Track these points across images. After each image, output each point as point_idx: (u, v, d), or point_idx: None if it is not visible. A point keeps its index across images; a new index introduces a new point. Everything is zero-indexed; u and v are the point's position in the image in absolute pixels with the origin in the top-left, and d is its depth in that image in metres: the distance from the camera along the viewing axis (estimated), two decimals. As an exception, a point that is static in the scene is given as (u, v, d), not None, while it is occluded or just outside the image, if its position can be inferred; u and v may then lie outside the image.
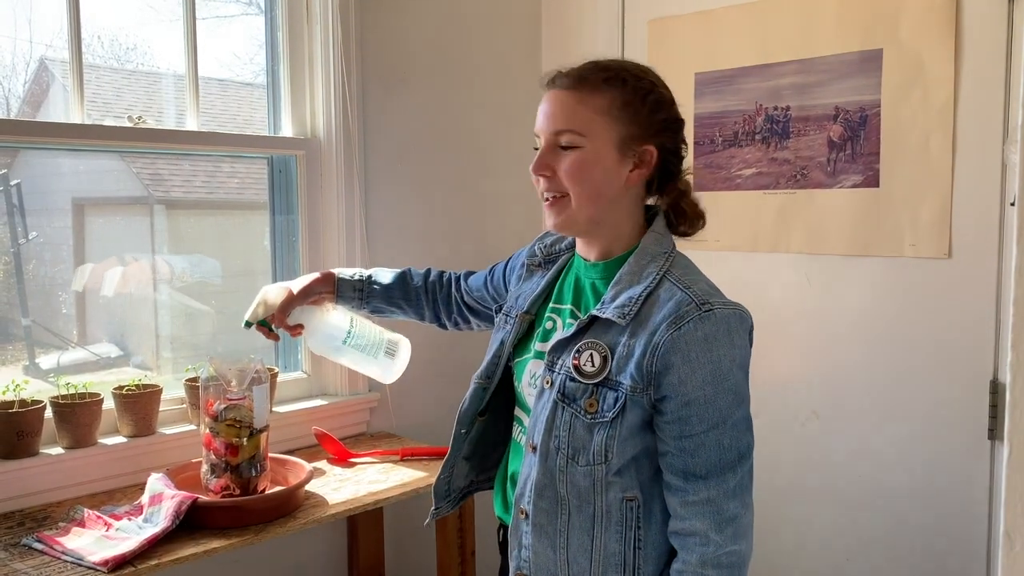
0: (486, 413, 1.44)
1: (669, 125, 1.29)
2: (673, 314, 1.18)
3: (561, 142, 1.25)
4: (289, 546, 2.16)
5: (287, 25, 2.21)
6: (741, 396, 1.22)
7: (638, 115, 1.25)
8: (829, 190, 2.19)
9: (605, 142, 1.24)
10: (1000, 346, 1.96)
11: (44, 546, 1.52)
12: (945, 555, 2.06)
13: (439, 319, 1.70)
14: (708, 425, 1.19)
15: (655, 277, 1.23)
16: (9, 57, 1.90)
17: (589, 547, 1.25)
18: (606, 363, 1.22)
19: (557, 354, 1.28)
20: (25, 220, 1.95)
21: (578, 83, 1.26)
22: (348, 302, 1.66)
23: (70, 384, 1.83)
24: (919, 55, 2.03)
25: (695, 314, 1.18)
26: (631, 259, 1.27)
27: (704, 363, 1.18)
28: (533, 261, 1.45)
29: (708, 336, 1.18)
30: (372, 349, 1.67)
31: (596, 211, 1.27)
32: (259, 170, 2.27)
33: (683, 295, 1.20)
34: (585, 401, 1.22)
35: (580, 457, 1.22)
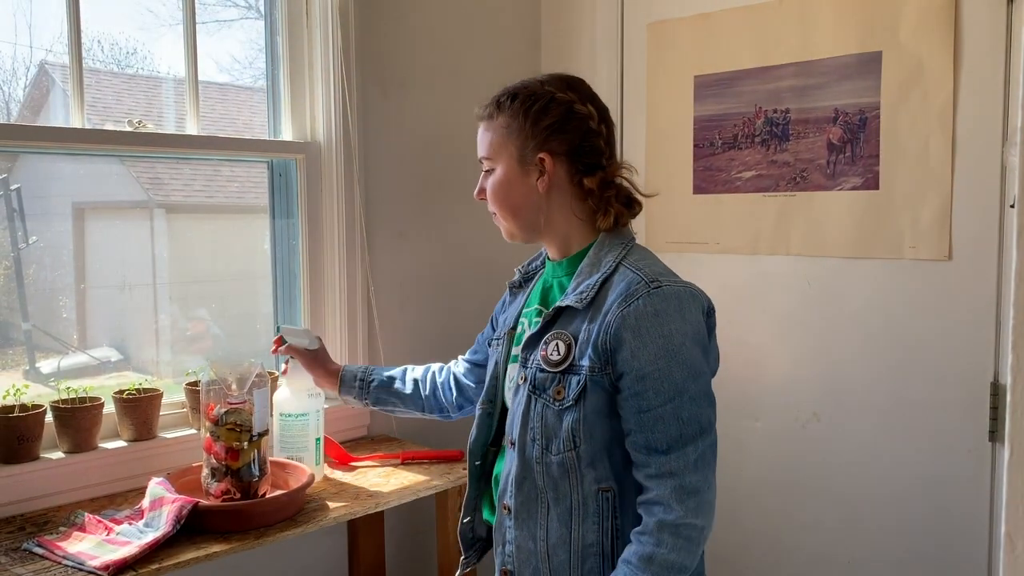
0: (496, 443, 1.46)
1: (560, 128, 1.34)
2: (624, 293, 1.24)
3: (483, 168, 1.40)
4: (290, 550, 2.16)
5: (287, 29, 2.21)
6: (697, 370, 1.24)
7: (523, 128, 1.34)
8: (829, 192, 2.19)
9: (507, 159, 1.35)
10: (1000, 348, 1.96)
11: (45, 551, 1.52)
12: (946, 557, 2.06)
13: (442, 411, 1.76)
14: (664, 398, 1.22)
15: (611, 265, 1.30)
16: (9, 62, 1.90)
17: (568, 539, 1.28)
18: (570, 350, 1.27)
19: (529, 350, 1.33)
20: (25, 224, 1.95)
21: (484, 111, 1.40)
22: (349, 391, 1.78)
23: (70, 388, 1.83)
24: (918, 57, 2.04)
25: (644, 291, 1.24)
26: (590, 252, 1.34)
27: (655, 337, 1.22)
28: (514, 283, 1.53)
29: (658, 311, 1.22)
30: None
31: (524, 221, 1.37)
32: (259, 174, 2.27)
33: (634, 275, 1.26)
34: (553, 389, 1.27)
35: (553, 445, 1.27)
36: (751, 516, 2.38)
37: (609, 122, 1.39)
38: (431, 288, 2.48)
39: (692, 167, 2.42)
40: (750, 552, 2.39)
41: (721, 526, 2.44)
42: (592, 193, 1.34)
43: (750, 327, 2.35)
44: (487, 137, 1.38)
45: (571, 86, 1.37)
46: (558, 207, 1.36)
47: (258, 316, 2.32)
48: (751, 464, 2.37)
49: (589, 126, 1.35)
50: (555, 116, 1.33)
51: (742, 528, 2.39)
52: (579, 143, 1.34)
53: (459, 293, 2.54)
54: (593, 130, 1.35)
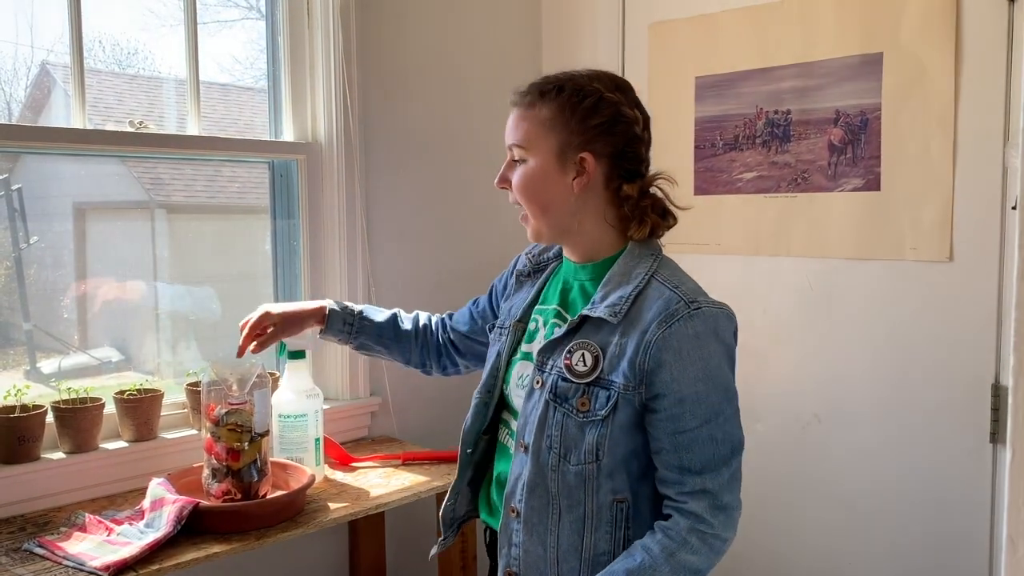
0: (489, 432, 1.45)
1: (607, 129, 1.29)
2: (663, 312, 1.21)
3: (513, 156, 1.32)
4: (291, 551, 2.16)
5: (288, 30, 2.21)
6: (731, 392, 1.25)
7: (569, 123, 1.28)
8: (830, 193, 2.19)
9: (545, 153, 1.28)
10: (1001, 349, 1.96)
11: (45, 551, 1.52)
12: (947, 559, 2.06)
13: (425, 365, 1.71)
14: (701, 421, 1.21)
15: (643, 277, 1.26)
16: (11, 62, 1.90)
17: (579, 546, 1.27)
18: (597, 363, 1.24)
19: (547, 354, 1.30)
20: (26, 224, 1.95)
21: (522, 98, 1.32)
22: (336, 335, 1.67)
23: (71, 389, 1.83)
24: (919, 58, 2.04)
25: (684, 312, 1.21)
26: (619, 260, 1.30)
27: (695, 360, 1.20)
28: (523, 272, 1.48)
29: (698, 333, 1.21)
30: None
31: (554, 221, 1.31)
32: (260, 174, 2.27)
33: (672, 294, 1.23)
34: (577, 400, 1.24)
35: (572, 456, 1.25)
36: (752, 517, 2.37)
37: (650, 131, 1.36)
38: (432, 288, 2.48)
39: (693, 168, 2.42)
40: (751, 553, 2.39)
41: (722, 527, 2.45)
42: (628, 200, 1.30)
43: (751, 328, 2.34)
44: (523, 126, 1.30)
45: (619, 87, 1.33)
46: (591, 211, 1.31)
47: (259, 316, 2.32)
48: (752, 465, 2.35)
49: (634, 131, 1.31)
50: (604, 116, 1.28)
51: (743, 529, 2.38)
52: (623, 148, 1.30)
53: (460, 293, 2.53)
54: (637, 136, 1.32)
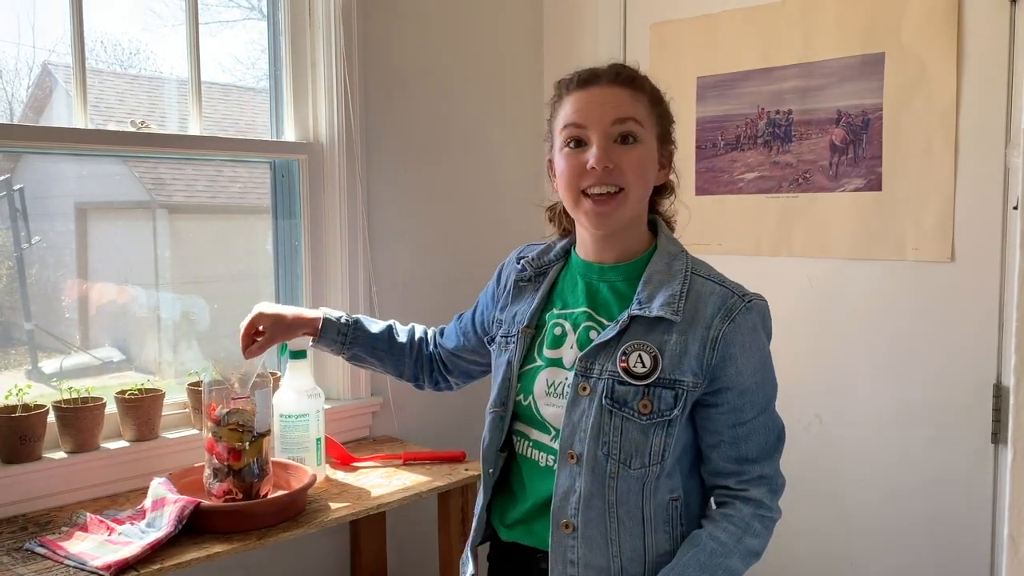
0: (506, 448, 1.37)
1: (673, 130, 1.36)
2: (722, 307, 1.23)
3: (620, 132, 1.24)
4: (292, 550, 2.16)
5: (290, 30, 2.22)
6: (775, 380, 1.29)
7: (663, 117, 1.31)
8: (831, 194, 2.19)
9: (653, 140, 1.29)
10: (1003, 349, 1.96)
11: (47, 551, 1.52)
12: (948, 559, 2.06)
13: (417, 379, 1.68)
14: (758, 411, 1.25)
15: (686, 274, 1.27)
16: (12, 62, 1.90)
17: (642, 551, 1.25)
18: (657, 363, 1.21)
19: (593, 359, 1.25)
20: (28, 224, 1.95)
21: (629, 82, 1.27)
22: (329, 345, 1.63)
23: (73, 388, 1.83)
24: (921, 59, 2.03)
25: (741, 305, 1.24)
26: (655, 258, 1.29)
27: (755, 351, 1.24)
28: (523, 277, 1.41)
29: (755, 326, 1.25)
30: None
31: (640, 207, 1.31)
32: (261, 174, 2.27)
33: (723, 289, 1.26)
34: (639, 403, 1.21)
35: (634, 461, 1.21)
36: (753, 518, 2.38)
37: None
38: (433, 288, 2.48)
39: (694, 168, 2.41)
40: (752, 554, 2.39)
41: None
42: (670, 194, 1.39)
43: (752, 328, 2.35)
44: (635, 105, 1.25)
45: None
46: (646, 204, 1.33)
47: (260, 317, 2.32)
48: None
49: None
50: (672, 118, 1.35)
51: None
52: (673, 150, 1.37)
53: (462, 294, 2.53)
54: None
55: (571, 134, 1.26)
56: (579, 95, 1.27)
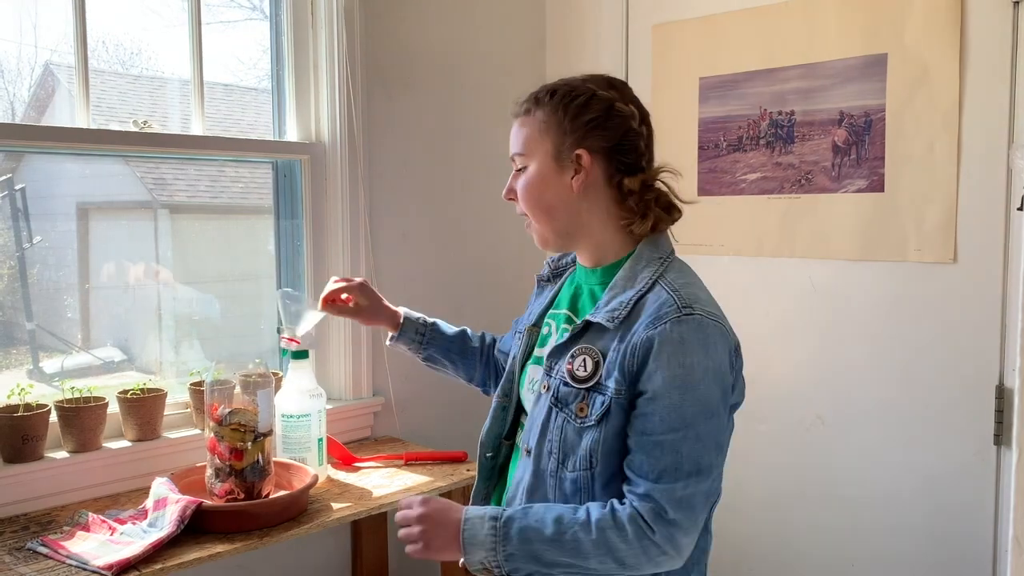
0: (511, 436, 1.42)
1: (601, 124, 1.28)
2: (655, 315, 1.18)
3: (516, 166, 1.33)
4: (293, 550, 2.16)
5: (292, 30, 2.22)
6: (711, 410, 1.18)
7: (562, 123, 1.28)
8: (834, 195, 2.19)
9: (543, 156, 1.29)
10: (1006, 351, 1.95)
11: (49, 550, 1.52)
12: (950, 561, 2.06)
13: (485, 384, 1.68)
14: (668, 427, 1.16)
15: (648, 281, 1.24)
16: (14, 62, 1.90)
17: None
18: (598, 368, 1.22)
19: (555, 359, 1.29)
20: (30, 224, 1.95)
21: (519, 108, 1.33)
22: (408, 343, 1.65)
23: (75, 388, 1.83)
24: (924, 59, 2.03)
25: (674, 315, 1.17)
26: (626, 264, 1.28)
27: (674, 365, 1.16)
28: (543, 276, 1.48)
29: (684, 339, 1.17)
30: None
31: (558, 225, 1.30)
32: (263, 174, 2.27)
33: (668, 296, 1.20)
34: (576, 405, 1.23)
35: (569, 462, 1.23)
36: (755, 519, 2.37)
37: (650, 126, 1.33)
38: (436, 289, 2.48)
39: (697, 169, 2.41)
40: (754, 555, 2.38)
41: (725, 528, 2.44)
42: (632, 195, 1.28)
43: (754, 329, 2.34)
44: (522, 133, 1.31)
45: (613, 85, 1.32)
46: (595, 210, 1.29)
47: (262, 317, 2.32)
48: (755, 467, 2.37)
49: (631, 125, 1.29)
50: (596, 112, 1.28)
51: (746, 531, 2.39)
52: (619, 141, 1.28)
53: (464, 294, 2.54)
54: (635, 130, 1.30)
55: None
56: None
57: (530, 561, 1.18)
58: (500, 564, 1.18)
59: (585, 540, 1.16)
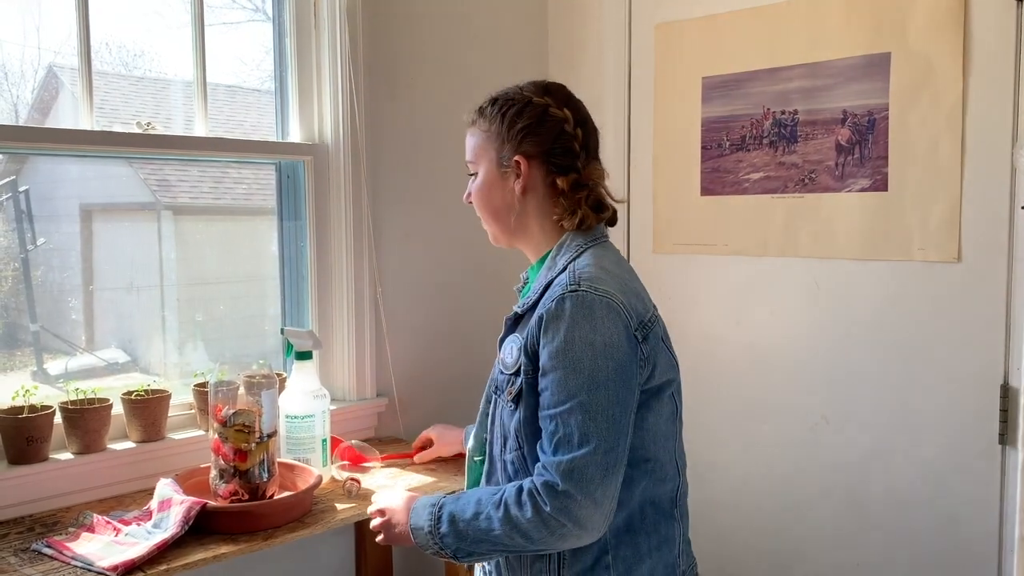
0: None
1: (534, 129, 1.35)
2: (549, 294, 1.26)
3: (469, 172, 1.44)
4: (298, 551, 2.16)
5: (295, 31, 2.22)
6: (596, 382, 1.20)
7: (500, 132, 1.38)
8: (837, 194, 2.18)
9: (488, 163, 1.39)
10: (1010, 350, 1.95)
11: (53, 551, 1.52)
12: (955, 560, 2.05)
13: None
14: (556, 401, 1.21)
15: (561, 268, 1.30)
16: (18, 64, 1.90)
17: None
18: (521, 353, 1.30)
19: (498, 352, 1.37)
20: (33, 226, 1.95)
21: (469, 117, 1.45)
22: None
23: (79, 389, 1.83)
24: (927, 58, 2.03)
25: (559, 293, 1.24)
26: (549, 257, 1.36)
27: (557, 340, 1.22)
28: (518, 288, 1.53)
29: (568, 313, 1.22)
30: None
31: (503, 225, 1.41)
32: (266, 176, 2.27)
33: (563, 278, 1.26)
34: (507, 391, 1.31)
35: (508, 444, 1.31)
36: (759, 518, 2.37)
37: (587, 126, 1.39)
38: (439, 289, 2.48)
39: (700, 168, 2.41)
40: (757, 554, 2.38)
41: (728, 528, 2.44)
42: (564, 194, 1.35)
43: (758, 329, 2.34)
44: (471, 142, 1.43)
45: (548, 91, 1.40)
46: (533, 210, 1.38)
47: (266, 318, 2.33)
48: (759, 466, 2.37)
49: (563, 128, 1.36)
50: (529, 119, 1.36)
51: (749, 530, 2.39)
52: (552, 145, 1.36)
53: (466, 294, 2.54)
54: (567, 132, 1.36)
55: None
56: None
57: (460, 541, 1.27)
58: (440, 546, 1.29)
59: (495, 518, 1.24)
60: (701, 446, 2.24)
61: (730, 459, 2.41)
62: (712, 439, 2.41)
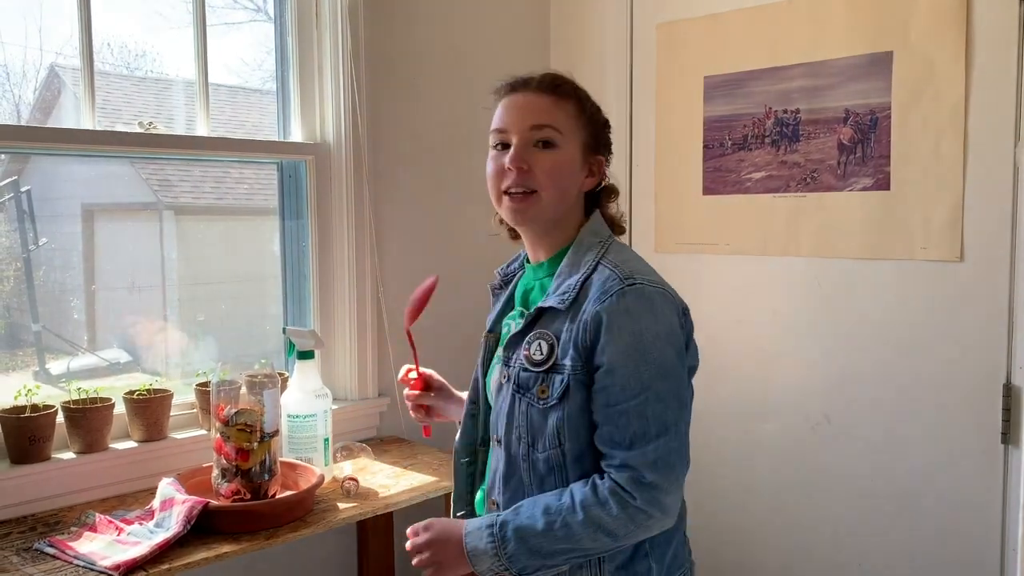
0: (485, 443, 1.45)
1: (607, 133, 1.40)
2: (600, 289, 1.24)
3: (538, 138, 1.31)
4: (299, 550, 2.16)
5: (296, 31, 2.22)
6: (666, 370, 1.23)
7: (595, 127, 1.36)
8: (839, 193, 2.18)
9: (575, 146, 1.33)
10: (1013, 349, 1.95)
11: (56, 551, 1.52)
12: (958, 559, 2.05)
13: None
14: (630, 395, 1.21)
15: (591, 264, 1.29)
16: (19, 64, 1.91)
17: None
18: (552, 350, 1.27)
19: (511, 350, 1.33)
20: (35, 226, 1.95)
21: (551, 88, 1.35)
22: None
23: (81, 389, 1.83)
24: (929, 57, 2.03)
25: (618, 288, 1.23)
26: (569, 252, 1.34)
27: (625, 334, 1.22)
28: (495, 285, 1.53)
29: (631, 308, 1.22)
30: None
31: (559, 210, 1.34)
32: (268, 175, 2.28)
33: (611, 272, 1.26)
34: (537, 388, 1.27)
35: (539, 443, 1.27)
36: (761, 518, 2.37)
37: None
38: (440, 289, 2.47)
39: (702, 168, 2.41)
40: (760, 554, 2.38)
41: (731, 527, 2.44)
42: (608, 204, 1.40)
43: (760, 329, 2.34)
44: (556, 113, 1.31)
45: None
46: (576, 208, 1.37)
47: (268, 317, 2.33)
48: (761, 466, 2.36)
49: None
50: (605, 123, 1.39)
51: (752, 530, 2.38)
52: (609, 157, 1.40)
53: (468, 294, 2.53)
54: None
55: (496, 137, 1.35)
56: (506, 101, 1.37)
57: (532, 557, 1.22)
58: (506, 567, 1.23)
59: (574, 523, 1.21)
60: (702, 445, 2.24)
61: (732, 457, 2.41)
62: (714, 438, 2.41)
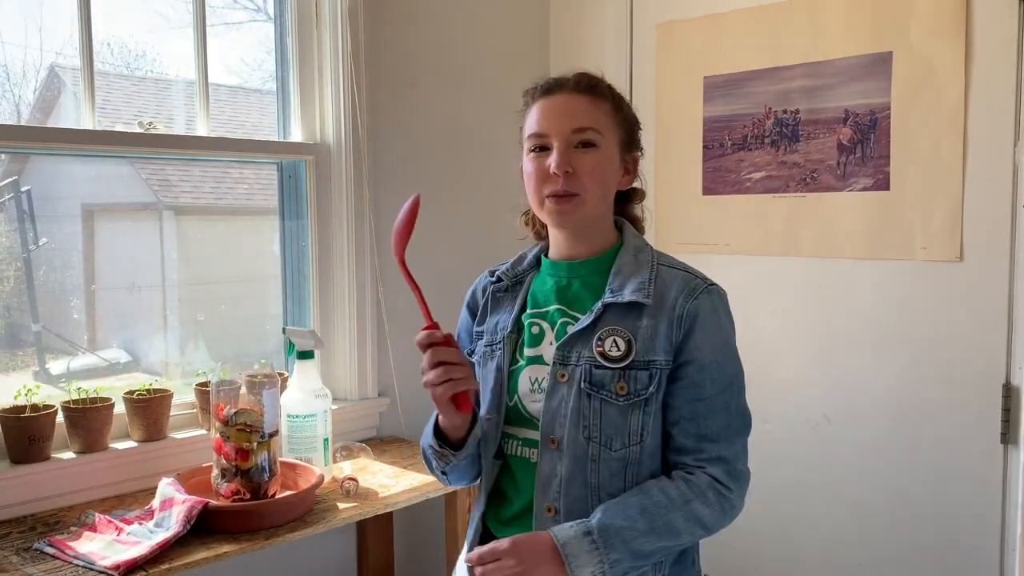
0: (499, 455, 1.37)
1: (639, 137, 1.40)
2: (686, 288, 1.29)
3: (580, 140, 1.30)
4: (299, 550, 2.16)
5: (296, 31, 2.22)
6: (740, 366, 1.33)
7: (629, 126, 1.37)
8: (839, 193, 2.18)
9: (613, 146, 1.33)
10: (1012, 349, 1.95)
11: (56, 550, 1.52)
12: (957, 559, 2.05)
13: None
14: (719, 389, 1.27)
15: (652, 264, 1.33)
16: (19, 64, 1.91)
17: None
18: (631, 346, 1.27)
19: (570, 347, 1.30)
20: (35, 226, 1.95)
21: (588, 89, 1.33)
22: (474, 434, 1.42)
23: (81, 389, 1.83)
24: (929, 57, 2.03)
25: (704, 287, 1.30)
26: (622, 252, 1.35)
27: (715, 330, 1.28)
28: (500, 288, 1.47)
29: (715, 307, 1.30)
30: None
31: (601, 210, 1.34)
32: (268, 175, 2.28)
33: (686, 274, 1.32)
34: (616, 385, 1.26)
35: (615, 442, 1.26)
36: (761, 518, 2.37)
37: None
38: (440, 289, 2.46)
39: (702, 168, 2.41)
40: (759, 554, 2.38)
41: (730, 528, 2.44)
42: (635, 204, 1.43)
43: (760, 328, 2.34)
44: (595, 114, 1.31)
45: None
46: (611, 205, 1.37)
47: (267, 317, 2.33)
48: (761, 466, 2.34)
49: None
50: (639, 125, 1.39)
51: (751, 530, 2.38)
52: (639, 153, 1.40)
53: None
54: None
55: (535, 141, 1.34)
56: (543, 103, 1.35)
57: (635, 559, 1.23)
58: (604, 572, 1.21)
59: (676, 519, 1.23)
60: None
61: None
62: (714, 438, 2.41)
